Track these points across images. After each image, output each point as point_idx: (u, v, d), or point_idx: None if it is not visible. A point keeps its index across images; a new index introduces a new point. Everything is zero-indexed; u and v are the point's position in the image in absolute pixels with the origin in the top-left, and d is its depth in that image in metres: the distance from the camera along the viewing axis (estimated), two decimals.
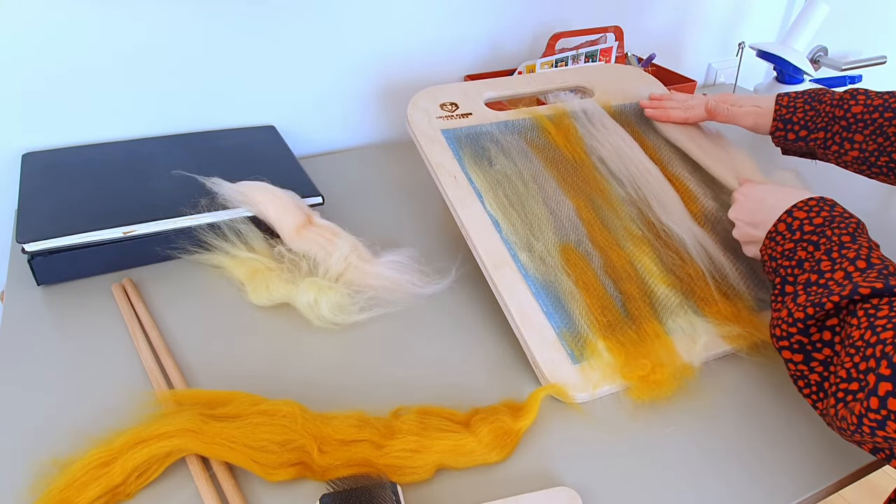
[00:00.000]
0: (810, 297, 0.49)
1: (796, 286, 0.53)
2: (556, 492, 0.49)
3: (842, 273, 0.50)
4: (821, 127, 0.70)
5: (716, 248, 0.70)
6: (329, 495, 0.47)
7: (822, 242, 0.54)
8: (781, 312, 0.52)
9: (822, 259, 0.52)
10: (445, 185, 0.70)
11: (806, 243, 0.55)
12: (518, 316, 0.61)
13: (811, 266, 0.53)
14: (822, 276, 0.51)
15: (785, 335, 0.51)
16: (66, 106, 0.86)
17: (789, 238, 0.56)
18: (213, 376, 0.59)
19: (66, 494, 0.45)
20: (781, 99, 0.73)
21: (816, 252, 0.53)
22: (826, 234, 0.54)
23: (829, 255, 0.52)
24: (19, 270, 0.70)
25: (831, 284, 0.50)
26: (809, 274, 0.52)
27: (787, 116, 0.73)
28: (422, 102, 0.78)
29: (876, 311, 0.45)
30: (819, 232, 0.55)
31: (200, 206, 0.73)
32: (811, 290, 0.50)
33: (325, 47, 0.98)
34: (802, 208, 0.57)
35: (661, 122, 0.83)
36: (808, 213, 0.56)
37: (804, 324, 0.49)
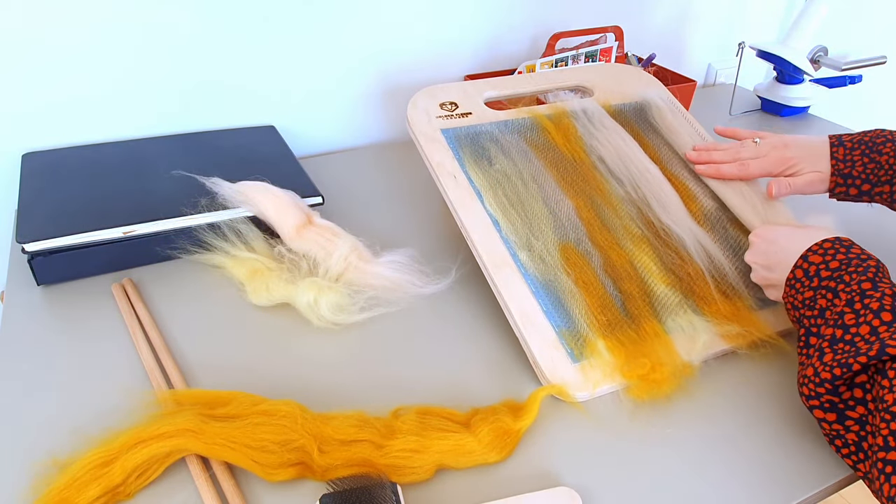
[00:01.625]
0: (837, 357, 0.47)
1: (821, 340, 0.50)
2: (556, 492, 0.49)
3: (867, 328, 0.48)
4: (885, 180, 0.67)
5: (715, 248, 0.70)
6: (329, 495, 0.47)
7: (840, 289, 0.51)
8: (807, 370, 0.50)
9: (845, 311, 0.50)
10: (445, 185, 0.70)
11: (825, 290, 0.53)
12: (518, 315, 0.61)
13: (834, 319, 0.50)
14: (846, 331, 0.49)
15: (814, 394, 0.49)
16: (66, 106, 0.86)
17: (808, 285, 0.54)
18: (213, 376, 0.59)
19: (65, 494, 0.45)
20: (836, 152, 0.70)
21: (837, 301, 0.51)
22: (844, 279, 0.52)
23: (851, 307, 0.50)
24: (19, 270, 0.70)
25: (857, 341, 0.47)
26: (834, 329, 0.50)
27: (846, 171, 0.69)
28: (421, 102, 0.78)
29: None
30: (836, 277, 0.52)
31: (200, 206, 0.73)
32: (837, 349, 0.48)
33: (326, 47, 0.98)
34: (817, 252, 0.55)
35: (711, 178, 0.77)
36: (824, 257, 0.54)
37: (832, 384, 0.47)
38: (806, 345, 0.52)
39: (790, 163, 0.71)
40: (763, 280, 0.62)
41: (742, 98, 1.29)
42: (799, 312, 0.55)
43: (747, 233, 0.73)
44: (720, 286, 0.67)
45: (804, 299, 0.54)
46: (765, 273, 0.61)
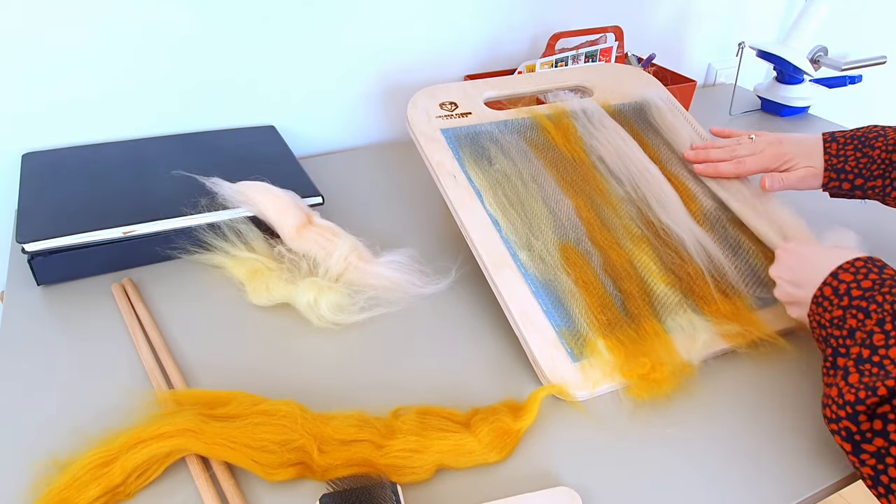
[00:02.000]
0: (863, 379, 0.46)
1: (848, 359, 0.49)
2: (556, 492, 0.49)
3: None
4: (877, 174, 0.67)
5: (715, 247, 0.70)
6: (329, 495, 0.47)
7: (872, 310, 0.50)
8: (832, 391, 0.48)
9: (874, 331, 0.48)
10: (445, 185, 0.70)
11: (855, 310, 0.51)
12: (518, 315, 0.61)
13: (863, 338, 0.49)
14: (875, 351, 0.47)
15: (835, 417, 0.47)
16: (66, 106, 0.86)
17: (837, 304, 0.52)
18: (213, 376, 0.59)
19: (65, 494, 0.45)
20: (829, 147, 0.70)
21: (868, 321, 0.50)
22: (877, 299, 0.50)
23: (881, 327, 0.48)
24: (19, 270, 0.70)
25: (886, 363, 0.46)
26: (861, 348, 0.48)
27: (839, 166, 0.69)
28: (421, 102, 0.78)
29: None
30: (868, 297, 0.51)
31: (200, 206, 0.73)
32: (864, 369, 0.47)
33: (326, 47, 0.98)
34: (849, 270, 0.53)
35: (709, 177, 0.77)
36: (856, 276, 0.52)
37: (853, 408, 0.46)
38: (833, 365, 0.51)
39: (785, 158, 0.72)
40: (788, 297, 0.60)
41: (742, 98, 1.29)
42: (826, 332, 0.53)
43: (746, 232, 0.73)
44: (720, 285, 0.67)
45: (832, 318, 0.53)
46: (790, 289, 0.59)
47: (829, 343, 0.52)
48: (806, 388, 0.60)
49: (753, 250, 0.72)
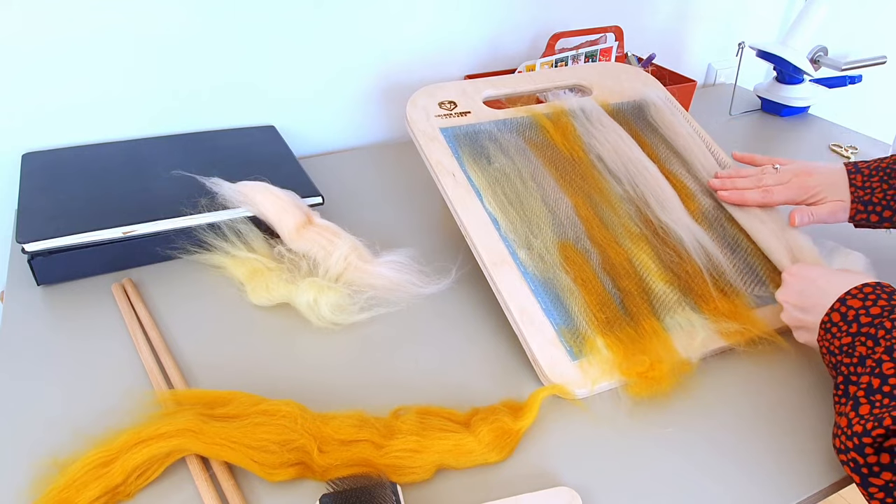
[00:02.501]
0: (873, 410, 0.46)
1: (858, 389, 0.48)
2: (556, 492, 0.49)
3: None
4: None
5: (713, 246, 0.70)
6: (329, 495, 0.47)
7: (881, 336, 0.49)
8: (842, 420, 0.48)
9: (883, 359, 0.48)
10: (444, 184, 0.70)
11: (864, 337, 0.50)
12: (517, 313, 0.61)
13: (872, 367, 0.48)
14: (885, 381, 0.47)
15: (843, 448, 0.47)
16: (66, 106, 0.86)
17: (846, 331, 0.52)
18: (213, 376, 0.59)
19: (66, 494, 0.45)
20: (855, 179, 0.69)
21: (877, 348, 0.49)
22: (885, 325, 0.50)
23: (890, 355, 0.48)
24: (19, 270, 0.70)
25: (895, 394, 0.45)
26: (871, 377, 0.48)
27: (865, 198, 0.68)
28: (420, 101, 0.78)
29: None
30: (877, 324, 0.50)
31: (200, 206, 0.73)
32: (874, 400, 0.46)
33: (326, 47, 0.98)
34: (857, 296, 0.53)
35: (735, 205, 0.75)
36: (864, 302, 0.52)
37: (860, 440, 0.45)
38: (845, 394, 0.50)
39: (813, 191, 0.71)
40: (795, 321, 0.60)
41: (742, 98, 1.29)
42: (836, 359, 0.53)
43: (744, 231, 0.73)
44: (718, 284, 0.67)
45: (841, 345, 0.52)
46: (798, 314, 0.59)
47: (840, 370, 0.52)
48: (805, 387, 0.60)
49: (751, 249, 0.72)
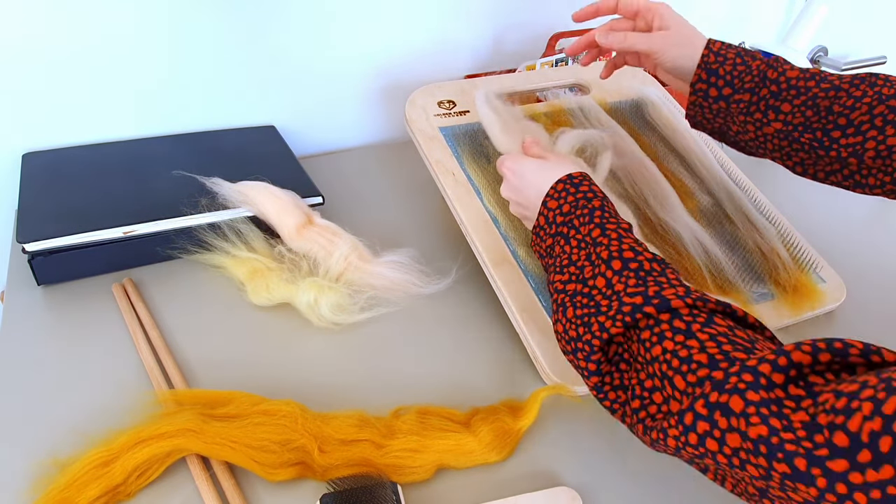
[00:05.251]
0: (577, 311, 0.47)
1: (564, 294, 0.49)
2: (556, 492, 0.49)
3: (603, 280, 0.47)
4: (748, 87, 0.61)
5: (712, 243, 0.70)
6: (329, 495, 0.47)
7: (572, 236, 0.51)
8: (558, 326, 0.49)
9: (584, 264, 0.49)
10: (444, 183, 0.70)
11: (562, 239, 0.52)
12: (518, 311, 0.61)
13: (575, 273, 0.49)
14: (585, 283, 0.48)
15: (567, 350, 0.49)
16: (66, 106, 0.86)
17: (548, 233, 0.54)
18: (214, 376, 0.59)
19: (66, 494, 0.46)
20: (713, 44, 0.63)
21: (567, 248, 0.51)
22: (574, 224, 0.51)
23: (589, 259, 0.49)
24: (19, 270, 0.70)
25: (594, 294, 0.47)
26: (577, 283, 0.49)
27: (714, 66, 0.62)
28: (419, 100, 0.78)
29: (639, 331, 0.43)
30: (569, 222, 0.52)
31: (200, 206, 0.73)
32: (577, 302, 0.48)
33: (326, 47, 0.98)
34: (554, 196, 0.54)
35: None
36: (559, 202, 0.53)
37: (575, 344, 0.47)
38: (554, 291, 0.51)
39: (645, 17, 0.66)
40: (520, 215, 0.61)
41: None
42: (545, 261, 0.55)
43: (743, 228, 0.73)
44: (717, 281, 0.67)
45: (546, 247, 0.54)
46: (520, 210, 0.60)
47: (548, 270, 0.53)
48: None
49: (750, 246, 0.72)
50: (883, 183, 0.57)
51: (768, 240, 0.72)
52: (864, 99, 0.56)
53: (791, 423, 0.33)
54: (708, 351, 0.39)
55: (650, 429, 0.41)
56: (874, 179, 0.57)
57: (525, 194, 0.58)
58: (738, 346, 0.39)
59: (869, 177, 0.57)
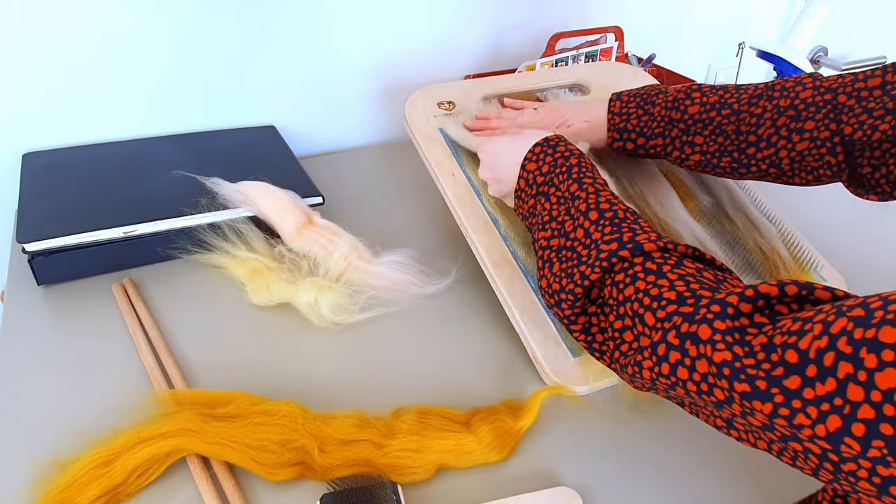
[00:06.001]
0: (563, 266, 0.50)
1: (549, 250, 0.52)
2: (556, 492, 0.49)
3: (581, 231, 0.50)
4: (658, 133, 0.66)
5: (712, 242, 0.70)
6: (329, 495, 0.47)
7: (552, 193, 0.54)
8: (542, 282, 0.52)
9: (564, 219, 0.52)
10: (444, 184, 0.70)
11: (543, 197, 0.55)
12: (518, 311, 0.61)
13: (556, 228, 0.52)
14: (567, 237, 0.51)
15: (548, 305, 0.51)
16: (66, 106, 0.86)
17: (530, 193, 0.56)
18: (214, 376, 0.59)
19: (66, 494, 0.46)
20: (613, 106, 0.69)
21: (549, 205, 0.54)
22: (555, 182, 0.54)
23: (569, 213, 0.52)
24: (19, 270, 0.70)
25: (577, 246, 0.49)
26: (560, 238, 0.52)
27: (621, 125, 0.68)
28: (419, 101, 0.78)
29: (614, 275, 0.46)
30: (549, 181, 0.55)
31: (201, 206, 0.73)
32: (563, 257, 0.50)
33: (326, 47, 0.98)
34: (532, 159, 0.57)
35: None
36: (538, 164, 0.56)
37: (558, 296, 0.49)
38: (539, 248, 0.54)
39: (562, 119, 0.72)
40: (498, 192, 0.64)
41: None
42: (528, 222, 0.57)
43: (743, 227, 0.73)
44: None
45: (529, 208, 0.57)
46: (497, 186, 0.63)
47: (532, 231, 0.56)
48: None
49: (750, 245, 0.72)
50: (808, 181, 0.62)
51: (769, 239, 0.72)
52: (766, 115, 0.60)
53: (753, 349, 0.35)
54: (677, 289, 0.41)
55: (625, 366, 0.44)
56: (799, 179, 0.62)
57: (500, 167, 0.61)
58: (705, 285, 0.41)
59: (794, 177, 0.62)
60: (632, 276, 0.44)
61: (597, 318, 0.48)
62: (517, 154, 0.59)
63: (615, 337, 0.45)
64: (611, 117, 0.69)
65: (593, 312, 0.48)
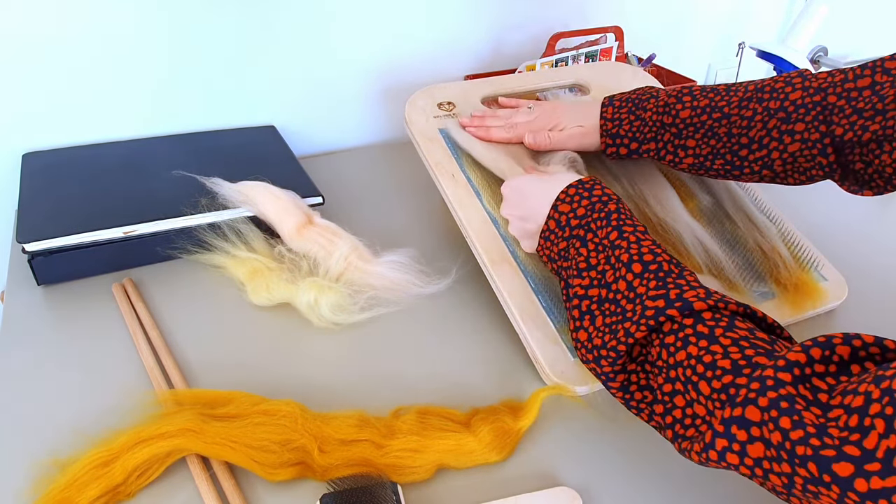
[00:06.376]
0: (606, 320, 0.47)
1: (586, 299, 0.50)
2: (556, 492, 0.49)
3: (624, 283, 0.48)
4: (650, 137, 0.66)
5: (712, 242, 0.70)
6: (329, 495, 0.47)
7: (589, 239, 0.52)
8: (580, 334, 0.49)
9: (604, 268, 0.50)
10: (444, 184, 0.70)
11: (578, 241, 0.53)
12: (518, 311, 0.61)
13: (598, 276, 0.50)
14: (608, 288, 0.49)
15: (585, 360, 0.49)
16: (66, 106, 0.86)
17: (561, 236, 0.54)
18: (214, 376, 0.59)
19: (66, 494, 0.45)
20: (606, 111, 0.68)
21: (584, 250, 0.52)
22: (591, 227, 0.52)
23: (608, 262, 0.50)
24: (19, 270, 0.70)
25: (619, 299, 0.47)
26: (600, 288, 0.49)
27: (613, 131, 0.68)
28: (419, 102, 0.78)
29: (663, 335, 0.43)
30: (584, 225, 0.53)
31: (201, 206, 0.73)
32: (605, 310, 0.48)
33: (326, 47, 0.98)
34: (565, 200, 0.55)
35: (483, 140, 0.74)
36: (572, 205, 0.54)
37: (598, 352, 0.47)
38: (568, 297, 0.52)
39: (557, 120, 0.72)
40: (520, 231, 0.61)
41: None
42: (557, 265, 0.55)
43: (743, 227, 0.73)
44: (718, 280, 0.67)
45: (559, 251, 0.54)
46: (521, 224, 0.60)
47: (562, 276, 0.54)
48: None
49: (750, 245, 0.72)
50: (801, 181, 0.62)
51: (769, 238, 0.72)
52: (756, 117, 0.60)
53: (811, 410, 0.33)
54: (731, 357, 0.39)
55: (679, 437, 0.42)
56: (793, 179, 0.62)
57: (529, 205, 0.59)
58: (760, 349, 0.39)
59: (788, 178, 0.62)
60: (683, 339, 0.42)
61: (636, 377, 0.46)
62: (548, 194, 0.56)
63: (664, 400, 0.43)
64: (603, 123, 0.69)
65: (632, 370, 0.46)
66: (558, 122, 0.72)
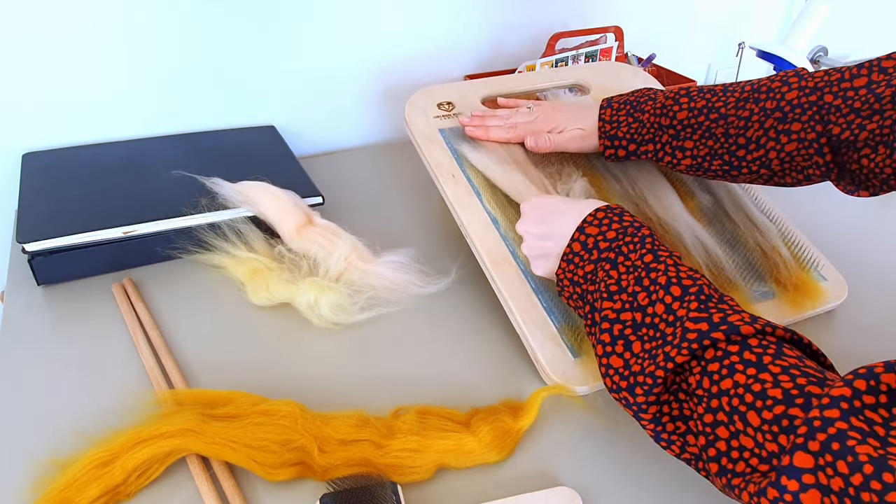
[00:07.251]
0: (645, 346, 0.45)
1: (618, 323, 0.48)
2: (556, 492, 0.49)
3: (662, 306, 0.46)
4: (648, 139, 0.66)
5: (712, 241, 0.70)
6: (329, 495, 0.47)
7: (620, 262, 0.50)
8: (612, 360, 0.47)
9: (635, 290, 0.48)
10: (444, 185, 0.70)
11: (607, 264, 0.51)
12: (518, 312, 0.61)
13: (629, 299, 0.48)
14: (644, 312, 0.47)
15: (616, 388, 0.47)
16: (65, 106, 0.86)
17: (588, 259, 0.52)
18: (214, 376, 0.59)
19: (66, 494, 0.45)
20: (604, 113, 0.69)
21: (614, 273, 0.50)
22: (623, 251, 0.51)
23: (640, 284, 0.48)
24: (19, 270, 0.70)
25: (657, 322, 0.45)
26: (634, 311, 0.47)
27: (611, 133, 0.68)
28: (419, 102, 0.78)
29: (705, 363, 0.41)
30: (615, 248, 0.51)
31: (201, 206, 0.73)
32: (642, 335, 0.46)
33: (326, 47, 0.98)
34: (593, 223, 0.53)
35: (483, 140, 0.74)
36: (601, 228, 0.53)
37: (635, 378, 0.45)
38: (594, 322, 0.50)
39: (556, 122, 0.72)
40: (536, 250, 0.59)
41: None
42: (581, 288, 0.53)
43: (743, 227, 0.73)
44: (717, 279, 0.67)
45: (585, 273, 0.52)
46: (539, 242, 0.58)
47: (586, 300, 0.52)
48: None
49: (750, 244, 0.72)
50: (798, 181, 0.61)
51: (769, 238, 0.72)
52: (753, 117, 0.60)
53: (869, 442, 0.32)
54: (782, 385, 0.37)
55: (728, 471, 0.39)
56: (790, 179, 0.62)
57: (551, 223, 0.57)
58: (812, 377, 0.37)
59: (786, 177, 0.62)
60: (728, 366, 0.40)
61: (668, 407, 0.44)
62: (573, 216, 0.55)
63: (704, 431, 0.40)
64: (601, 125, 0.69)
65: (665, 401, 0.44)
66: (558, 123, 0.72)
